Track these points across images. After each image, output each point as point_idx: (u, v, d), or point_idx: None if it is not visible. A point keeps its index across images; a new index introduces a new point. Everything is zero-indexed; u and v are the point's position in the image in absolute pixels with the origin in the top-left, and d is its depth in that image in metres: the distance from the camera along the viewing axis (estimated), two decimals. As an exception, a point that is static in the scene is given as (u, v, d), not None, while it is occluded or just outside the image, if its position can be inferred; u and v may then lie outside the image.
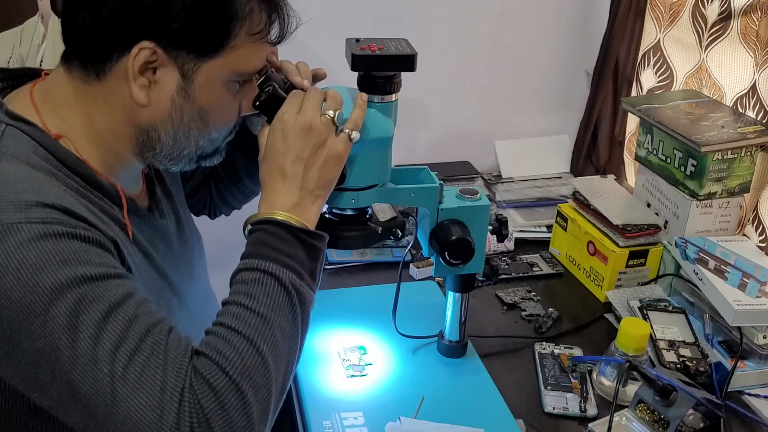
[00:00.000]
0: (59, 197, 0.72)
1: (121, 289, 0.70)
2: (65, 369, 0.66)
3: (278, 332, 0.75)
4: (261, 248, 0.79)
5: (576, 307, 1.30)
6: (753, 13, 1.22)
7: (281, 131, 0.84)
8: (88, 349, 0.66)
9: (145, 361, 0.68)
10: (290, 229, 0.81)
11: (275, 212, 0.81)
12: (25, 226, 0.67)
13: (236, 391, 0.69)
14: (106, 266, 0.71)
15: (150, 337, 0.69)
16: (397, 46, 0.89)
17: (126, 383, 0.67)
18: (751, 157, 1.22)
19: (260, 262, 0.77)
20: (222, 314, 0.76)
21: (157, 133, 0.82)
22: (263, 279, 0.76)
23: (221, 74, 0.81)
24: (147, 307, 0.72)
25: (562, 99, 1.72)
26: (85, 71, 0.79)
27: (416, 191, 0.96)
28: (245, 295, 0.75)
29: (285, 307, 0.76)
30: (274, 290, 0.76)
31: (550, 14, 1.63)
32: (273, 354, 0.73)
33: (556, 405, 1.04)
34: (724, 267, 1.14)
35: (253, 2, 0.79)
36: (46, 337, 0.66)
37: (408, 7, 1.54)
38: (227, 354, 0.71)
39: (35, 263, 0.66)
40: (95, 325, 0.67)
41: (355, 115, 0.87)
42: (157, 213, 0.92)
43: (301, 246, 0.81)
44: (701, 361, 1.07)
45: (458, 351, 1.12)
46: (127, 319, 0.69)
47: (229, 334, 0.72)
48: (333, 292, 1.29)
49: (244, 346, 0.72)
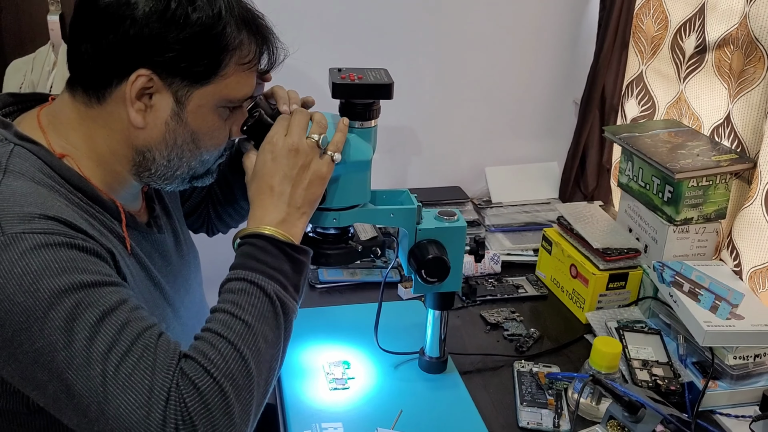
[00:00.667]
0: (61, 211, 0.78)
1: (115, 296, 0.75)
2: (61, 368, 0.72)
3: (261, 339, 0.80)
4: (248, 260, 0.84)
5: (558, 328, 1.34)
6: (726, 46, 1.27)
7: (270, 152, 0.90)
8: (82, 350, 0.72)
9: (136, 363, 0.73)
10: (276, 243, 0.86)
11: (263, 227, 0.87)
12: (28, 236, 0.73)
13: (219, 392, 0.74)
14: (101, 274, 0.76)
15: (141, 340, 0.74)
16: (375, 75, 0.95)
17: (117, 383, 0.72)
18: (725, 184, 1.27)
19: (247, 273, 0.83)
20: (210, 321, 0.81)
21: (152, 155, 0.88)
22: (249, 289, 0.82)
23: (212, 100, 0.87)
24: (139, 313, 0.77)
25: (551, 127, 1.78)
26: (88, 96, 0.86)
27: (395, 212, 1.02)
28: (232, 304, 0.81)
29: (269, 315, 0.82)
30: (259, 300, 0.81)
31: (540, 46, 1.69)
32: (256, 359, 0.78)
33: (531, 420, 1.07)
34: (698, 290, 1.18)
35: (242, 35, 0.86)
36: (44, 338, 0.72)
37: (401, 38, 1.60)
38: (213, 358, 0.76)
39: (36, 270, 0.72)
40: (90, 328, 0.72)
41: (337, 139, 0.93)
42: (155, 228, 0.98)
43: (286, 259, 0.86)
44: (673, 380, 1.10)
45: (438, 367, 1.16)
46: (120, 324, 0.74)
47: (215, 340, 0.78)
48: (322, 309, 1.34)
49: (228, 351, 0.77)
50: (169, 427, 0.72)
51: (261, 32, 0.89)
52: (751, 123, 1.23)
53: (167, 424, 0.72)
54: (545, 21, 1.67)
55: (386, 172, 1.72)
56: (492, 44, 1.66)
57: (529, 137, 1.78)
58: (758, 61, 1.19)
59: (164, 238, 0.99)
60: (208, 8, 0.82)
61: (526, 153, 1.78)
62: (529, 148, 1.79)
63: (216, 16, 0.83)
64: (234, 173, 1.16)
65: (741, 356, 1.11)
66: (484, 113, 1.73)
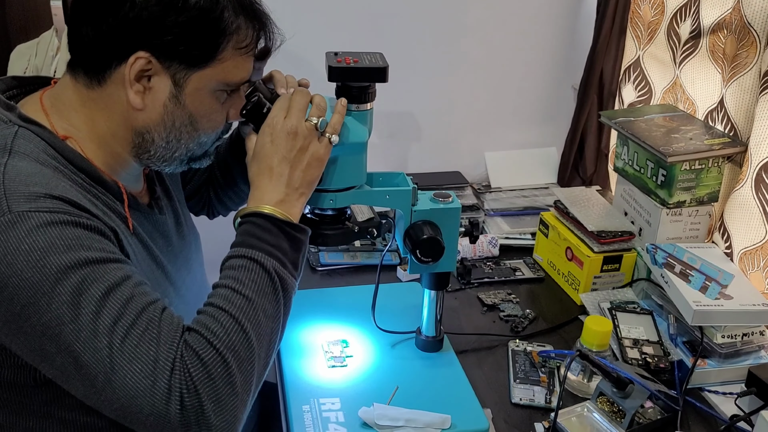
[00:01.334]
0: (65, 190, 0.81)
1: (119, 272, 0.79)
2: (69, 341, 0.75)
3: (261, 313, 0.83)
4: (248, 238, 0.87)
5: (553, 309, 1.37)
6: (720, 31, 1.29)
7: (270, 134, 0.92)
8: (89, 323, 0.75)
9: (141, 335, 0.76)
10: (275, 221, 0.89)
11: (263, 206, 0.89)
12: (34, 214, 0.76)
13: (222, 362, 0.78)
14: (105, 251, 0.79)
15: (145, 314, 0.78)
16: (371, 59, 0.97)
17: (123, 354, 0.75)
18: (718, 167, 1.29)
19: (247, 250, 0.86)
20: (212, 296, 0.84)
21: (151, 136, 0.91)
22: (249, 265, 0.85)
23: (210, 84, 0.89)
24: (142, 288, 0.80)
25: (549, 113, 1.80)
26: (88, 78, 0.88)
27: (390, 193, 1.04)
28: (233, 279, 0.84)
29: (268, 290, 0.85)
30: (258, 275, 0.84)
31: (538, 32, 1.71)
32: (256, 332, 0.82)
33: (524, 396, 1.10)
34: (689, 271, 1.20)
35: (240, 19, 0.88)
36: (51, 312, 0.75)
37: (401, 23, 1.62)
38: (215, 330, 0.79)
39: (43, 247, 0.75)
40: (96, 302, 0.76)
41: (334, 120, 0.95)
42: (156, 209, 1.00)
43: (285, 237, 0.89)
44: (662, 358, 1.13)
45: (434, 346, 1.19)
46: (125, 298, 0.77)
47: (217, 313, 0.81)
48: (322, 291, 1.37)
49: (230, 324, 0.80)
50: (174, 395, 0.75)
51: (258, 17, 0.91)
52: (744, 107, 1.25)
53: (172, 393, 0.75)
54: (544, 7, 1.68)
55: (386, 157, 1.74)
56: (491, 30, 1.67)
57: (528, 123, 1.80)
58: (751, 45, 1.20)
59: (165, 219, 1.02)
60: None
61: (525, 138, 1.80)
62: (528, 134, 1.81)
63: (214, 1, 0.85)
64: (234, 157, 1.18)
65: (729, 335, 1.13)
66: (484, 99, 1.75)
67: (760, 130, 1.17)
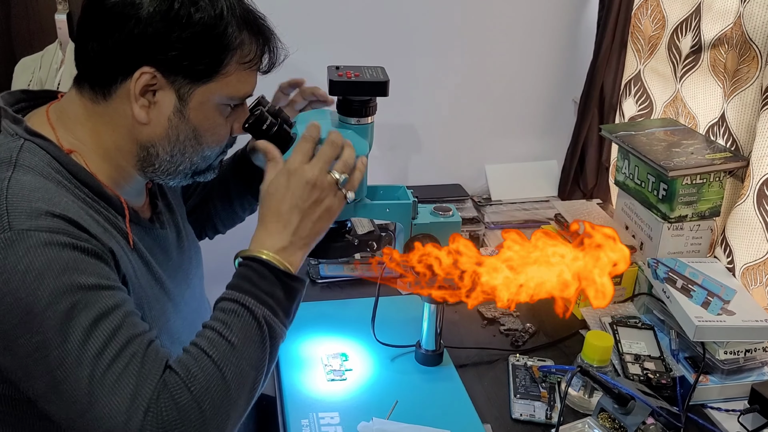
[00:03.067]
0: (67, 207, 0.81)
1: (110, 300, 0.79)
2: (52, 366, 0.75)
3: (245, 361, 0.83)
4: (244, 283, 0.87)
5: (554, 324, 1.36)
6: (721, 46, 1.29)
7: (286, 176, 0.92)
8: (74, 351, 0.76)
9: (122, 369, 0.77)
10: (274, 269, 0.88)
11: (263, 251, 0.89)
12: (34, 234, 0.77)
13: (197, 408, 0.78)
14: (100, 276, 0.80)
15: (131, 347, 0.78)
16: (372, 73, 0.97)
17: (103, 387, 0.76)
18: (719, 182, 1.28)
19: (240, 295, 0.86)
20: (199, 336, 0.84)
21: (156, 150, 0.91)
22: (240, 311, 0.85)
23: (214, 98, 0.90)
24: (132, 319, 0.81)
25: (550, 126, 1.80)
26: (94, 93, 0.89)
27: (390, 207, 1.04)
28: (222, 323, 0.84)
29: (256, 338, 0.85)
30: (248, 323, 0.84)
31: (539, 45, 1.71)
32: (237, 380, 0.82)
33: (524, 412, 1.09)
34: (691, 286, 1.20)
35: (244, 34, 0.89)
36: (40, 335, 0.75)
37: (402, 37, 1.63)
38: (195, 374, 0.79)
39: (39, 268, 0.76)
40: (84, 330, 0.76)
41: (355, 178, 0.95)
42: (158, 224, 1.01)
43: (280, 286, 0.88)
44: (664, 374, 1.12)
45: (434, 360, 1.18)
46: (113, 328, 0.78)
47: (200, 356, 0.81)
48: (322, 303, 1.37)
49: (211, 370, 0.80)
50: None
51: (262, 32, 0.92)
52: (745, 122, 1.25)
53: None
54: (545, 20, 1.69)
55: (387, 169, 1.75)
56: (492, 43, 1.68)
57: (528, 136, 1.80)
58: (752, 60, 1.20)
59: (166, 234, 1.02)
60: (210, 9, 0.85)
61: (525, 151, 1.80)
62: (529, 147, 1.81)
63: (218, 17, 0.85)
64: (235, 176, 1.19)
65: (732, 351, 1.13)
66: (485, 111, 1.75)
67: (762, 145, 1.17)
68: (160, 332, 0.93)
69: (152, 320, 0.92)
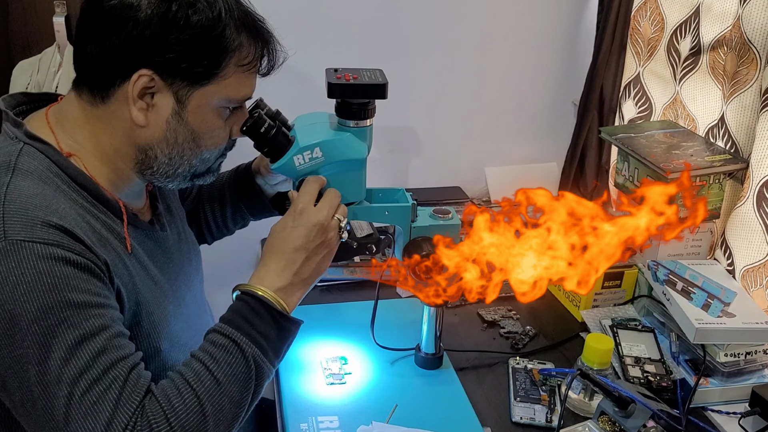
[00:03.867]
0: (64, 216, 0.81)
1: (98, 320, 0.79)
2: (31, 381, 0.75)
3: (227, 398, 0.83)
4: (238, 318, 0.88)
5: (554, 326, 1.36)
6: (720, 48, 1.29)
7: (293, 218, 0.93)
8: (54, 369, 0.75)
9: (101, 393, 0.76)
10: (270, 308, 0.89)
11: (262, 289, 0.90)
12: (28, 245, 0.76)
13: None
14: (91, 294, 0.79)
15: (112, 371, 0.78)
16: (370, 75, 0.97)
17: (80, 409, 0.75)
18: (719, 184, 1.28)
19: (233, 331, 0.86)
20: (186, 365, 0.84)
21: (154, 152, 0.91)
22: (230, 347, 0.85)
23: (212, 101, 0.90)
24: (118, 341, 0.80)
25: (550, 128, 1.80)
26: (93, 95, 0.88)
27: (390, 209, 1.04)
28: (210, 357, 0.84)
29: (241, 376, 0.85)
30: (236, 360, 0.85)
31: (539, 48, 1.71)
32: (216, 416, 0.81)
33: (524, 415, 1.09)
34: (691, 288, 1.20)
35: (242, 37, 0.89)
36: (23, 348, 0.75)
37: (402, 39, 1.63)
38: (175, 405, 0.79)
39: (30, 282, 0.75)
40: (66, 349, 0.76)
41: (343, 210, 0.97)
42: (158, 226, 1.00)
43: (274, 326, 0.89)
44: (665, 377, 1.12)
45: (434, 363, 1.18)
46: (97, 350, 0.77)
47: (183, 387, 0.81)
48: (321, 306, 1.36)
49: (192, 402, 0.80)
50: None
51: (261, 35, 0.91)
52: (745, 124, 1.24)
53: None
54: (544, 23, 1.69)
55: (387, 172, 1.74)
56: (492, 46, 1.68)
57: (528, 138, 1.80)
58: (751, 62, 1.20)
59: (166, 236, 1.02)
60: (208, 11, 0.85)
61: (525, 153, 1.80)
62: (529, 149, 1.80)
63: (215, 19, 0.85)
64: (233, 190, 1.19)
65: (732, 353, 1.12)
66: (484, 114, 1.75)
67: (762, 146, 1.17)
68: (161, 337, 0.92)
69: (151, 325, 0.91)
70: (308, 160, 0.96)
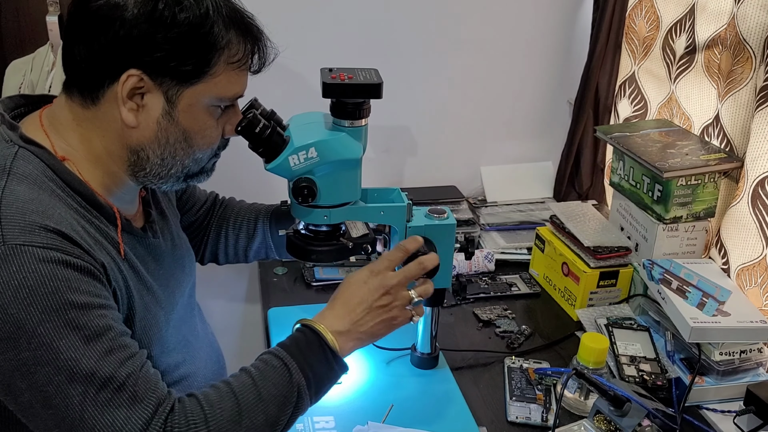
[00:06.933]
0: (60, 220, 0.80)
1: (102, 320, 0.79)
2: (42, 382, 0.75)
3: (263, 416, 0.85)
4: (294, 346, 0.91)
5: (550, 325, 1.36)
6: (715, 47, 1.29)
7: (369, 275, 0.98)
8: (66, 370, 0.76)
9: (117, 389, 0.77)
10: (324, 345, 0.91)
11: (322, 326, 0.93)
12: (28, 249, 0.76)
13: None
14: (92, 295, 0.80)
15: (124, 368, 0.78)
16: (365, 75, 0.97)
17: (96, 405, 0.76)
18: (714, 183, 1.28)
19: (286, 355, 0.90)
20: (234, 376, 0.87)
21: (146, 153, 0.90)
22: (280, 368, 0.88)
23: (203, 99, 0.89)
24: (123, 340, 0.81)
25: (545, 127, 1.79)
26: (83, 98, 0.88)
27: (385, 210, 1.03)
28: (259, 372, 0.88)
29: (282, 399, 0.87)
30: (282, 381, 0.87)
31: (534, 47, 1.71)
32: (248, 429, 0.83)
33: (520, 414, 1.09)
34: (686, 287, 1.20)
35: (231, 34, 0.88)
36: (30, 351, 0.75)
37: (397, 38, 1.62)
38: (216, 408, 0.83)
39: (32, 285, 0.75)
40: (76, 349, 0.76)
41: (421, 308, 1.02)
42: (150, 233, 0.99)
43: (325, 363, 0.91)
44: (659, 375, 1.12)
45: (429, 363, 1.18)
46: (104, 350, 0.78)
47: (227, 395, 0.84)
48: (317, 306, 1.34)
49: (232, 411, 0.83)
50: None
51: (250, 31, 0.91)
52: (740, 123, 1.25)
53: None
54: (539, 22, 1.68)
55: (382, 171, 1.74)
56: (487, 45, 1.68)
57: (523, 137, 1.80)
58: (746, 61, 1.20)
59: (159, 243, 1.01)
60: (195, 8, 0.84)
61: (520, 153, 1.80)
62: (524, 148, 1.80)
63: (203, 16, 0.84)
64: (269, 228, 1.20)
65: (727, 352, 1.12)
66: (480, 113, 1.74)
67: (757, 145, 1.17)
68: (152, 343, 0.92)
69: (143, 331, 0.91)
70: (303, 160, 0.96)
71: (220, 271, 1.49)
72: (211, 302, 1.72)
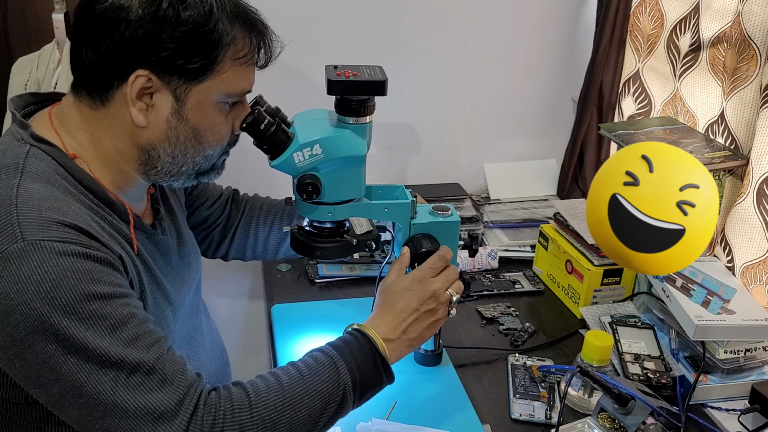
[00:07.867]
0: (76, 216, 0.81)
1: (126, 308, 0.80)
2: (71, 371, 0.76)
3: (307, 410, 0.86)
4: (344, 347, 0.92)
5: (553, 323, 1.36)
6: (720, 44, 1.29)
7: (412, 281, 1.00)
8: (94, 357, 0.76)
9: (147, 373, 0.78)
10: (374, 349, 0.92)
11: (373, 332, 0.95)
12: (47, 244, 0.77)
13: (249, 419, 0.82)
14: (114, 285, 0.81)
15: (151, 353, 0.79)
16: (370, 72, 0.97)
17: (128, 389, 0.77)
18: (719, 180, 1.28)
19: (336, 354, 0.91)
20: (282, 368, 0.89)
21: (157, 152, 0.91)
22: (328, 365, 0.90)
23: (211, 96, 0.89)
24: (148, 326, 0.82)
25: (549, 125, 1.79)
26: (92, 99, 0.88)
27: (389, 206, 1.03)
28: (308, 367, 0.89)
29: (327, 396, 0.88)
30: (330, 378, 0.89)
31: (538, 44, 1.71)
32: (290, 421, 0.85)
33: (523, 412, 1.09)
34: (691, 285, 1.19)
35: (235, 29, 0.88)
36: (57, 342, 0.75)
37: (401, 35, 1.62)
38: (261, 397, 0.84)
39: (55, 278, 0.76)
40: (103, 337, 0.77)
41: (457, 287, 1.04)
42: (159, 230, 1.00)
43: (373, 367, 0.92)
44: (664, 373, 1.12)
45: (433, 360, 1.18)
46: (131, 336, 0.79)
47: (275, 385, 0.85)
48: (321, 303, 1.36)
49: (277, 400, 0.84)
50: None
51: (255, 26, 0.91)
52: (744, 120, 1.24)
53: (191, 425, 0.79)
54: (543, 19, 1.68)
55: (386, 168, 1.74)
56: (491, 42, 1.67)
57: (527, 135, 1.80)
58: (751, 59, 1.20)
59: (167, 240, 1.02)
60: (199, 6, 0.84)
61: (524, 150, 1.80)
62: (528, 146, 1.80)
63: (207, 13, 0.85)
64: None
65: (732, 350, 1.12)
66: (483, 111, 1.74)
67: (762, 143, 1.16)
68: None
69: None
70: (308, 157, 0.96)
71: (225, 267, 1.49)
72: (215, 298, 1.73)
